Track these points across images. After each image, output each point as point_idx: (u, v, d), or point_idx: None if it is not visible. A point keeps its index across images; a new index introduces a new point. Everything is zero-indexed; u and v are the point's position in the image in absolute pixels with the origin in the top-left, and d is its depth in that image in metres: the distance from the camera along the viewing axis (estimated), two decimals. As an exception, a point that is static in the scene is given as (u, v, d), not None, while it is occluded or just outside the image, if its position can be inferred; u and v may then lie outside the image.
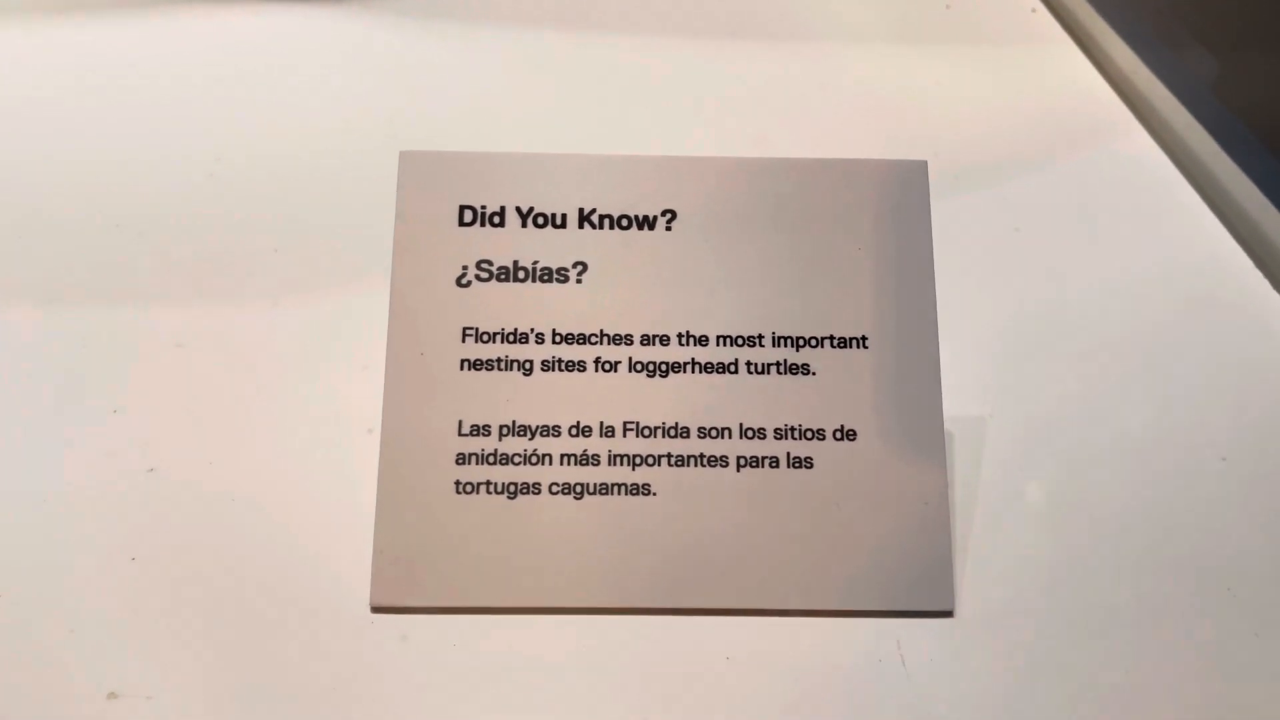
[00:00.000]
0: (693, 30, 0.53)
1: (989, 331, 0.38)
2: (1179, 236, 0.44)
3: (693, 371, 0.30)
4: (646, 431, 0.30)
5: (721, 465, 0.29)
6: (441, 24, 0.53)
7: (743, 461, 0.30)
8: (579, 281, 0.30)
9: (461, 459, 0.29)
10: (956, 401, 0.32)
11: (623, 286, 0.30)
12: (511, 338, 0.30)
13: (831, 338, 0.30)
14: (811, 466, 0.29)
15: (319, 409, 0.34)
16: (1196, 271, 0.42)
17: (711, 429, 0.30)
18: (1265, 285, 0.41)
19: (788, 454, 0.30)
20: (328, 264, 0.40)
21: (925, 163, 0.32)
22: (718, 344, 0.30)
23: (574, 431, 0.30)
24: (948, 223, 0.33)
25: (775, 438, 0.30)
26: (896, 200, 0.31)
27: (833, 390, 0.30)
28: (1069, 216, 0.44)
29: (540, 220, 0.31)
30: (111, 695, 0.27)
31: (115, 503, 0.31)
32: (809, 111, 0.48)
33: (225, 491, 0.32)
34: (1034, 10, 0.60)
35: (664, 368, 0.30)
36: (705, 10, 0.55)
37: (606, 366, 0.30)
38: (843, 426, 0.30)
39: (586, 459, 0.29)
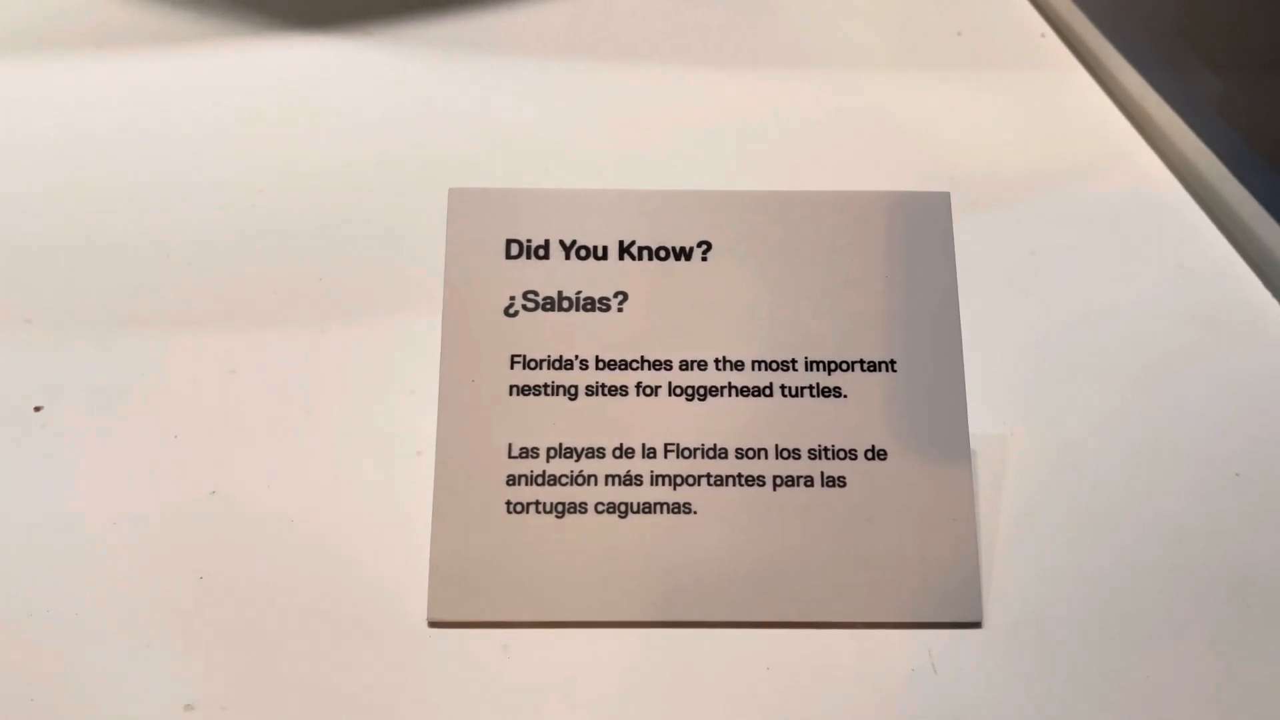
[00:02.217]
0: (722, 63, 0.55)
1: (1009, 352, 0.39)
2: (1188, 257, 0.45)
3: (730, 395, 0.32)
4: (686, 453, 0.31)
5: (759, 485, 0.31)
6: (469, 57, 0.55)
7: (779, 481, 0.31)
8: (620, 310, 0.32)
9: (512, 480, 0.31)
10: (980, 421, 0.34)
11: (662, 315, 0.32)
12: (557, 364, 0.32)
13: (861, 361, 0.32)
14: (844, 485, 0.31)
15: (368, 432, 0.36)
16: (1206, 290, 0.43)
17: (748, 450, 0.31)
18: (1273, 303, 0.42)
19: (821, 473, 0.31)
20: (373, 293, 0.42)
21: (948, 194, 0.33)
22: (753, 369, 0.32)
23: (618, 453, 0.31)
24: (966, 246, 0.35)
25: (809, 458, 0.31)
26: (921, 230, 0.33)
27: (863, 412, 0.31)
28: (1082, 240, 0.46)
29: (583, 253, 0.32)
30: (188, 707, 0.29)
31: (181, 524, 0.33)
32: (829, 141, 0.50)
33: (283, 512, 0.33)
34: (1043, 35, 0.62)
35: (702, 391, 0.32)
36: (732, 45, 0.57)
37: (647, 391, 0.32)
38: (873, 446, 0.31)
39: (630, 479, 0.31)
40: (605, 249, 0.32)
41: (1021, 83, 0.57)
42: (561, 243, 0.32)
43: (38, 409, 0.37)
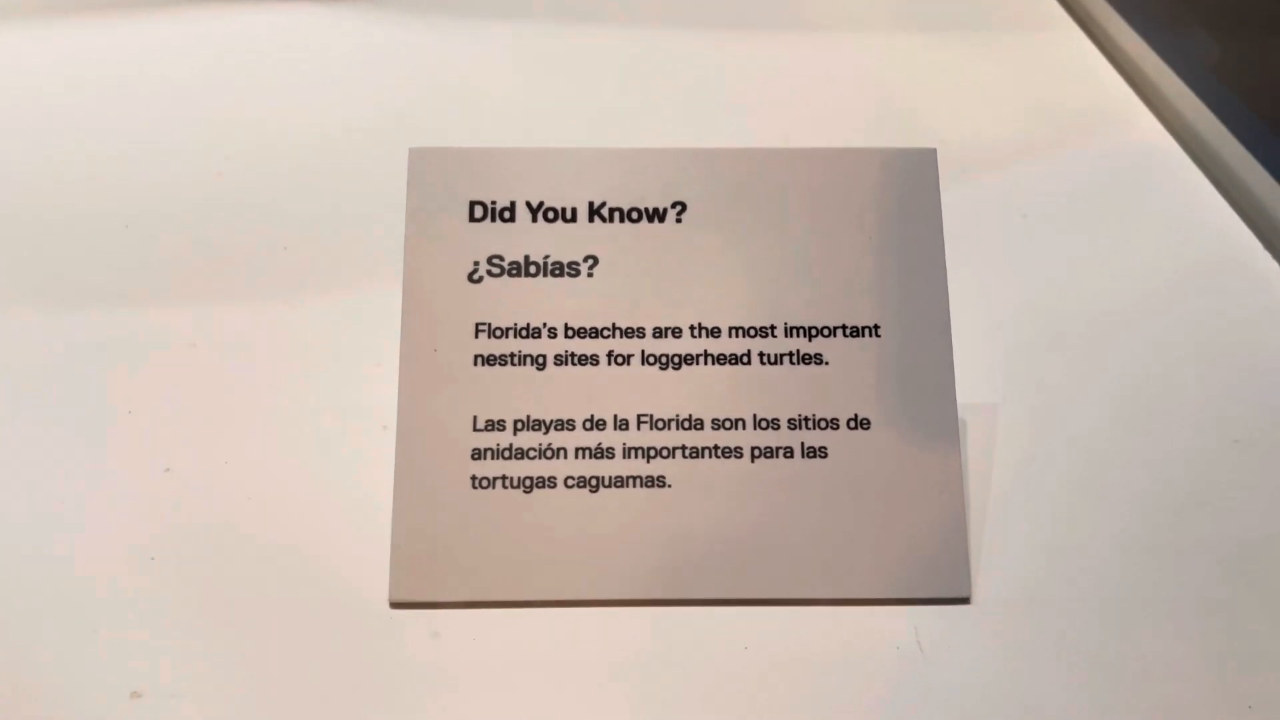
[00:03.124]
0: (697, 21, 0.53)
1: (998, 319, 0.38)
2: (1187, 220, 0.43)
3: (705, 363, 0.30)
4: (660, 424, 0.30)
5: (736, 456, 0.30)
6: (443, 19, 0.53)
7: (757, 452, 0.30)
8: (590, 275, 0.30)
9: (477, 454, 0.29)
10: (968, 390, 0.32)
11: (634, 279, 0.30)
12: (524, 332, 0.30)
13: (844, 327, 0.30)
14: (826, 456, 0.30)
15: (333, 406, 0.34)
16: (1205, 254, 0.42)
17: (725, 420, 0.30)
18: (1274, 266, 0.41)
19: (802, 444, 0.30)
20: (339, 261, 0.40)
21: (934, 150, 0.32)
22: (730, 335, 0.30)
23: (588, 425, 0.30)
24: (955, 211, 0.33)
25: (789, 428, 0.30)
26: (906, 188, 0.31)
27: (846, 379, 0.30)
28: (1076, 202, 0.44)
29: (550, 215, 0.31)
30: (135, 695, 0.27)
31: (133, 503, 0.32)
32: (815, 100, 0.48)
33: (241, 490, 0.32)
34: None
35: (676, 360, 0.30)
36: (709, 1, 0.55)
37: (619, 360, 0.30)
38: (856, 415, 0.30)
39: (601, 452, 0.30)
40: (574, 210, 0.31)
41: (1015, 43, 0.55)
42: (528, 204, 0.31)
43: (-13, 384, 0.35)
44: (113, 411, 0.34)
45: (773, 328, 0.30)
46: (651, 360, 0.30)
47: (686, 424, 0.30)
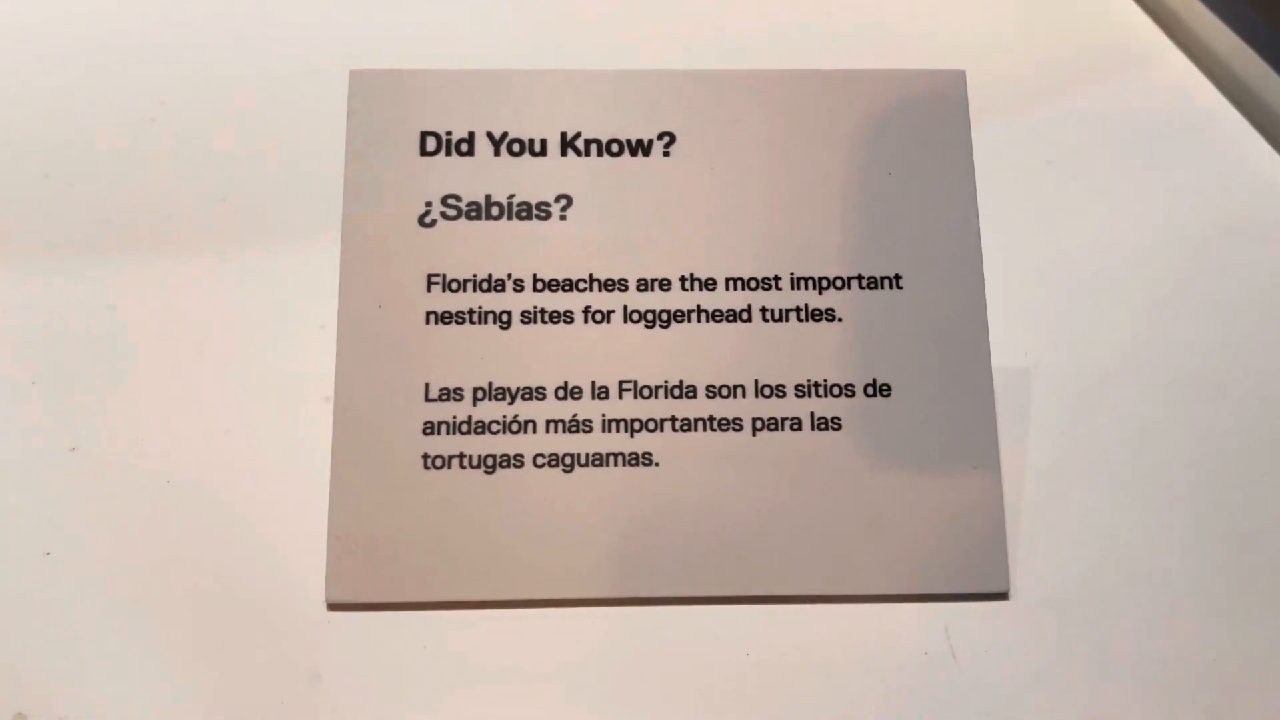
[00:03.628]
0: None
1: (1030, 274, 0.33)
2: (1225, 163, 0.39)
3: (699, 320, 0.26)
4: (646, 392, 0.25)
5: (735, 429, 0.25)
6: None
7: (759, 424, 0.25)
8: (563, 218, 0.26)
9: (429, 428, 0.25)
10: (1000, 352, 0.28)
11: (614, 223, 0.26)
12: (485, 285, 0.26)
13: (860, 277, 0.26)
14: (840, 428, 0.25)
15: (269, 375, 0.30)
16: (1247, 198, 0.37)
17: (722, 387, 0.25)
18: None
19: (812, 414, 0.25)
20: (281, 212, 0.35)
21: (963, 72, 0.27)
22: (727, 288, 0.26)
23: (561, 393, 0.25)
24: (978, 157, 0.29)
25: (797, 395, 0.25)
26: (931, 117, 0.27)
27: (863, 339, 0.26)
28: (1108, 147, 0.40)
29: (516, 147, 0.26)
30: (19, 716, 0.23)
31: (28, 488, 0.27)
32: (823, 15, 0.43)
33: (159, 472, 0.27)
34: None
35: (665, 317, 0.26)
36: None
37: (598, 317, 0.26)
38: (875, 381, 0.26)
39: (576, 425, 0.25)
40: (544, 142, 0.26)
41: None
42: (489, 135, 0.26)
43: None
44: (14, 383, 0.30)
45: (777, 279, 0.26)
46: (635, 317, 0.26)
47: (677, 391, 0.25)
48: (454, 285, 0.26)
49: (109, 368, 0.30)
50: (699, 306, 0.26)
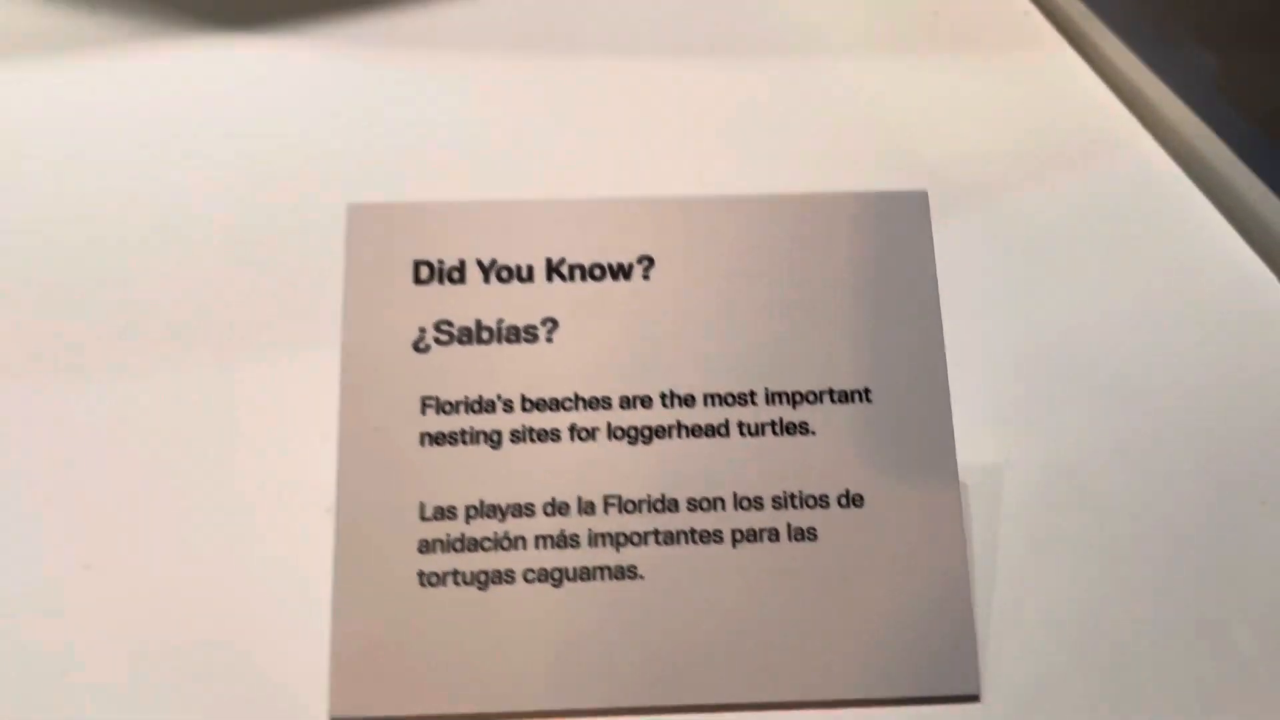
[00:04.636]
0: (662, 51, 0.50)
1: (1000, 367, 0.35)
2: (1195, 249, 0.41)
3: (679, 436, 0.27)
4: (630, 506, 0.27)
5: (715, 541, 0.27)
6: (388, 53, 0.50)
7: (739, 535, 0.27)
8: (549, 340, 0.28)
9: (425, 546, 0.26)
10: (968, 449, 0.29)
11: (598, 344, 0.27)
12: (476, 406, 0.27)
13: (831, 391, 0.27)
14: (815, 538, 0.27)
15: (271, 487, 0.31)
16: (1216, 287, 0.39)
17: (702, 500, 0.27)
18: (1292, 300, 0.38)
19: (788, 525, 0.27)
20: (280, 326, 0.37)
21: (925, 193, 0.29)
22: (706, 404, 0.27)
23: (549, 510, 0.27)
24: (946, 248, 0.30)
25: (774, 507, 0.27)
26: (895, 235, 0.28)
27: (835, 451, 0.27)
28: (1076, 234, 0.41)
29: (504, 274, 0.28)
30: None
31: (49, 607, 0.28)
32: (793, 137, 0.45)
33: (164, 584, 0.29)
34: (1026, 13, 0.57)
35: (647, 433, 0.27)
36: (675, 29, 0.52)
37: (583, 434, 0.27)
38: (848, 491, 0.27)
39: (565, 540, 0.26)
40: (530, 268, 0.28)
41: (1006, 65, 0.52)
42: (479, 263, 0.28)
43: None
44: (30, 501, 0.31)
45: (752, 394, 0.27)
46: (619, 434, 0.27)
47: (659, 505, 0.27)
48: (447, 407, 0.27)
49: (117, 483, 0.32)
50: (679, 422, 0.27)
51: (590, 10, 0.51)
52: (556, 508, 0.27)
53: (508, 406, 0.27)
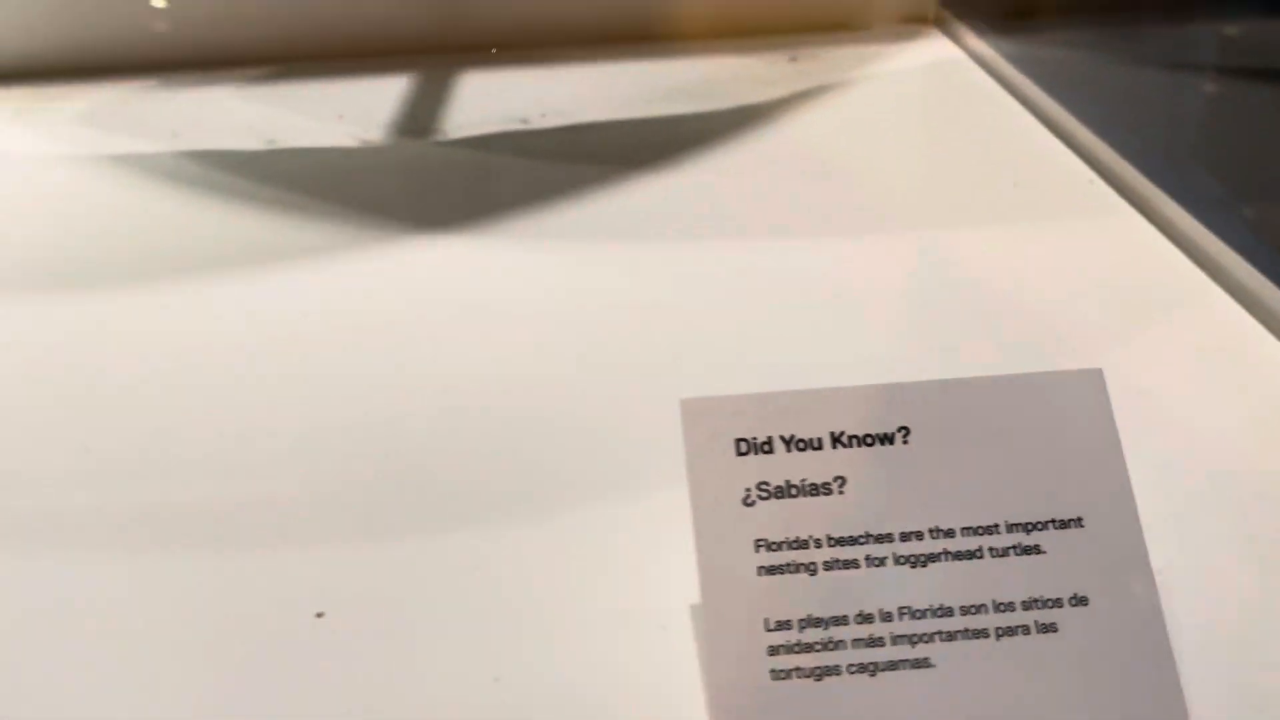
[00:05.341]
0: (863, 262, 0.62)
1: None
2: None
3: (947, 559, 0.37)
4: (918, 614, 0.36)
5: (984, 636, 0.36)
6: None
7: (1000, 631, 0.36)
8: (841, 493, 0.38)
9: (772, 650, 0.36)
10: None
11: (878, 494, 0.38)
12: (795, 545, 0.37)
13: (1053, 520, 0.37)
14: (1057, 631, 0.36)
15: (622, 611, 0.41)
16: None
17: (970, 606, 0.36)
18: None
19: (1035, 621, 0.36)
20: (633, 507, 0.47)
21: (1100, 371, 0.39)
22: (963, 535, 0.37)
23: (859, 619, 0.36)
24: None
25: (1023, 609, 0.36)
26: (1079, 403, 0.39)
27: (1063, 564, 0.37)
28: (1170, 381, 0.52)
29: (801, 445, 0.38)
30: None
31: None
32: (931, 312, 0.57)
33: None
34: (1091, 181, 0.70)
35: (923, 559, 0.37)
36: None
37: (876, 562, 0.37)
38: (1075, 594, 0.37)
39: (873, 641, 0.36)
40: (820, 440, 0.38)
41: (1081, 230, 0.64)
42: (782, 438, 0.38)
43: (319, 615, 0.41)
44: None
45: (996, 526, 0.37)
46: (902, 560, 0.37)
47: (940, 612, 0.36)
48: (773, 546, 0.37)
49: (467, 616, 0.41)
50: (945, 550, 0.37)
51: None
52: (864, 617, 0.36)
53: (817, 544, 0.37)
